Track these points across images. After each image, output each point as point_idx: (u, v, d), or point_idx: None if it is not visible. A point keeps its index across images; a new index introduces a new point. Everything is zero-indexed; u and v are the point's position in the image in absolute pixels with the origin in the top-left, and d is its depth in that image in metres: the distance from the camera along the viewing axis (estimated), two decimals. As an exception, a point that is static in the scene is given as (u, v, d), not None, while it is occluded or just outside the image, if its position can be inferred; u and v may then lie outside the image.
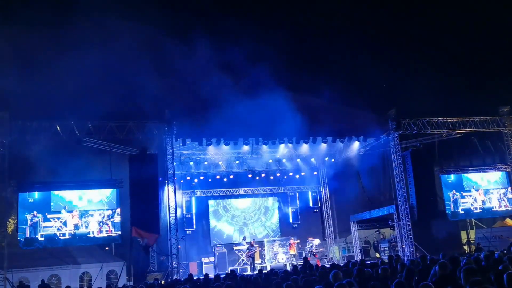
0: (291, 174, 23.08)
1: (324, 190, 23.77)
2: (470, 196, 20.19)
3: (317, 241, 20.88)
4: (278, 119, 16.46)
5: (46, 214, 16.06)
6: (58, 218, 16.18)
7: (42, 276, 15.32)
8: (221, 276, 11.01)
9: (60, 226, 16.11)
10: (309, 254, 19.70)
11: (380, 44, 26.22)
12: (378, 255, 20.07)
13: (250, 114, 15.97)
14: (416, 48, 26.28)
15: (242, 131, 17.06)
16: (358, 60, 24.59)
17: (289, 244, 20.83)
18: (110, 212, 16.69)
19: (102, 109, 15.71)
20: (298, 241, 21.16)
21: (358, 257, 20.10)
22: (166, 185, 17.29)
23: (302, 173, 23.33)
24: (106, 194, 16.83)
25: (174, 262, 16.25)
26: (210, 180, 22.20)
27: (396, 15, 26.13)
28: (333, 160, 22.49)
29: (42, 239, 15.86)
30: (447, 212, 19.63)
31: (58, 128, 15.56)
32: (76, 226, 16.26)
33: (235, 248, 21.23)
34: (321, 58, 25.69)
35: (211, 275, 12.41)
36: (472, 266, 6.16)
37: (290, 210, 23.56)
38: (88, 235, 16.35)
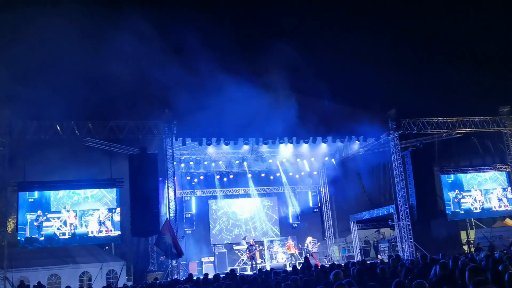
0: (291, 174, 23.08)
1: (324, 190, 23.77)
2: (470, 196, 20.17)
3: (309, 239, 20.80)
4: (279, 119, 16.45)
5: (46, 214, 16.05)
6: (58, 218, 16.17)
7: (42, 276, 15.34)
8: (221, 276, 11.01)
9: (60, 226, 16.11)
10: (308, 255, 19.67)
11: (380, 43, 26.23)
12: (380, 257, 20.02)
13: (250, 114, 15.98)
14: (416, 47, 26.30)
15: (242, 131, 17.06)
16: (358, 60, 24.61)
17: (287, 244, 20.73)
18: (110, 211, 16.69)
19: (102, 108, 15.72)
20: (293, 242, 20.98)
21: (358, 257, 20.11)
22: (166, 184, 17.30)
23: (302, 173, 23.33)
24: (106, 193, 16.83)
25: (174, 262, 16.25)
26: (210, 180, 22.23)
27: (396, 15, 26.15)
28: (333, 160, 22.49)
29: (42, 238, 15.86)
30: (447, 212, 19.61)
31: (58, 128, 15.56)
32: (76, 226, 16.26)
33: (235, 248, 21.24)
34: (320, 58, 25.70)
35: (211, 275, 12.40)
36: (476, 265, 6.16)
37: (290, 210, 23.56)
38: (88, 235, 16.34)
